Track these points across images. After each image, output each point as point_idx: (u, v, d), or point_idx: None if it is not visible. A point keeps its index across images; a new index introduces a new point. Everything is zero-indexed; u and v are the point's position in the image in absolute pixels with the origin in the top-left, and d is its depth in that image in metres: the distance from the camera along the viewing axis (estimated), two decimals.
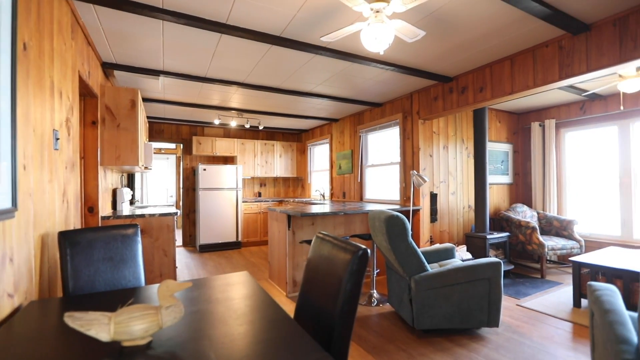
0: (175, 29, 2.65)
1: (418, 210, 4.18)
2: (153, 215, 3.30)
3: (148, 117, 5.97)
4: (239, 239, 6.29)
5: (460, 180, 4.72)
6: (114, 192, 3.94)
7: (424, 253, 3.19)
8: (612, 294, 1.82)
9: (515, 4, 2.21)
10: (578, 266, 3.26)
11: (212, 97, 4.67)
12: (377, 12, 1.94)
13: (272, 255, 4.10)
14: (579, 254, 4.36)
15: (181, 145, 6.69)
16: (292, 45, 2.86)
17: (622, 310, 1.66)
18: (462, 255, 3.97)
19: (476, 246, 4.19)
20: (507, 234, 4.37)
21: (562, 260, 4.93)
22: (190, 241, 6.61)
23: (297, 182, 7.85)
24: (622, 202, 4.47)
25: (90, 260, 1.69)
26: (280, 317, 1.16)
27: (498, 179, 5.27)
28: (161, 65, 3.41)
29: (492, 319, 2.63)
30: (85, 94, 2.84)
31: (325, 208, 3.95)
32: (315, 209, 3.75)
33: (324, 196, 6.40)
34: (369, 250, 1.16)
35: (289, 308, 3.29)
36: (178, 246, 6.60)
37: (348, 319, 1.13)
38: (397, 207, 4.20)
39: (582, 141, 4.97)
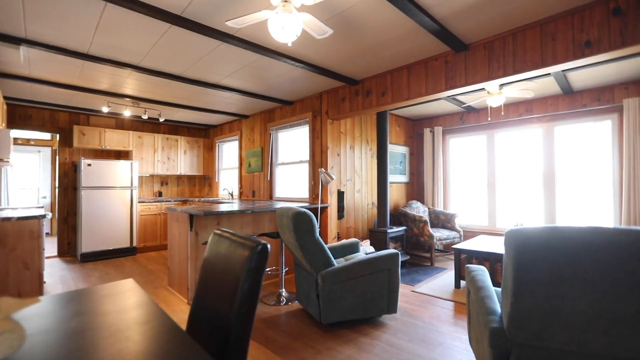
0: None
1: (326, 207, 4.30)
2: (8, 219, 2.63)
3: (7, 98, 4.80)
4: (134, 244, 5.54)
5: (365, 179, 5.04)
6: None
7: (330, 249, 3.28)
8: (483, 273, 2.13)
9: (411, 15, 2.42)
10: (458, 253, 3.77)
11: (99, 79, 3.99)
12: (286, 1, 1.89)
13: (172, 260, 3.70)
14: (459, 243, 5.08)
15: (57, 135, 5.57)
16: (195, 28, 2.61)
17: (490, 286, 1.95)
18: (366, 249, 4.22)
19: (378, 240, 4.51)
20: (404, 227, 4.82)
21: (447, 248, 5.68)
22: (68, 250, 5.55)
23: (204, 181, 7.32)
24: (489, 198, 5.39)
25: None
26: (167, 329, 1.00)
27: (397, 178, 5.81)
28: (22, 31, 2.75)
29: (391, 306, 2.84)
30: None
31: (233, 207, 3.75)
32: (222, 208, 3.51)
33: (232, 195, 6.10)
34: (269, 246, 1.08)
35: None
36: (51, 256, 5.46)
37: (246, 321, 1.04)
38: (306, 204, 4.24)
39: (462, 146, 5.82)
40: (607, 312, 1.30)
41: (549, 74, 3.66)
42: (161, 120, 5.62)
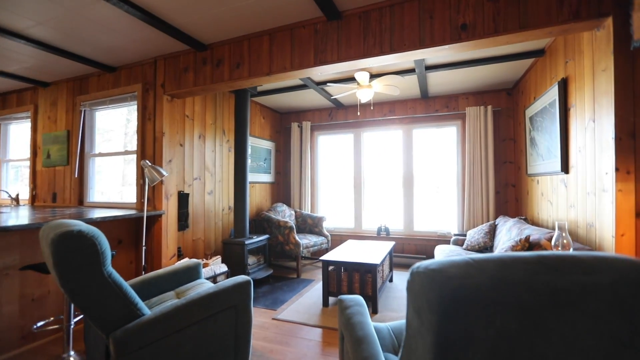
0: None
1: (160, 215, 3.11)
2: None
3: None
4: None
5: (219, 177, 4.04)
6: None
7: (152, 279, 2.18)
8: (361, 311, 1.50)
9: None
10: (326, 264, 3.24)
11: None
12: None
13: None
14: (327, 249, 4.67)
15: None
16: None
17: (373, 335, 1.32)
18: (215, 270, 3.24)
19: (235, 254, 3.60)
20: (267, 236, 4.06)
21: (314, 255, 5.23)
22: None
23: None
24: (355, 200, 5.20)
25: None
26: None
27: (261, 178, 5.02)
28: None
29: (241, 358, 1.99)
30: None
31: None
32: None
33: (17, 200, 4.08)
34: None
35: None
36: None
37: None
38: (134, 212, 2.97)
39: (330, 145, 5.51)
40: None
41: (414, 70, 3.55)
42: None
